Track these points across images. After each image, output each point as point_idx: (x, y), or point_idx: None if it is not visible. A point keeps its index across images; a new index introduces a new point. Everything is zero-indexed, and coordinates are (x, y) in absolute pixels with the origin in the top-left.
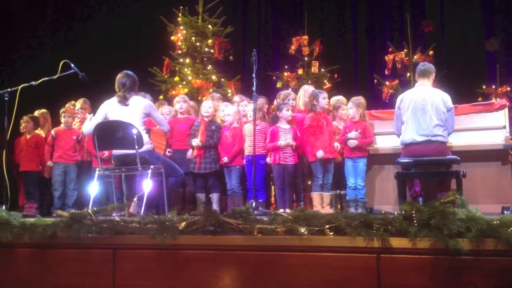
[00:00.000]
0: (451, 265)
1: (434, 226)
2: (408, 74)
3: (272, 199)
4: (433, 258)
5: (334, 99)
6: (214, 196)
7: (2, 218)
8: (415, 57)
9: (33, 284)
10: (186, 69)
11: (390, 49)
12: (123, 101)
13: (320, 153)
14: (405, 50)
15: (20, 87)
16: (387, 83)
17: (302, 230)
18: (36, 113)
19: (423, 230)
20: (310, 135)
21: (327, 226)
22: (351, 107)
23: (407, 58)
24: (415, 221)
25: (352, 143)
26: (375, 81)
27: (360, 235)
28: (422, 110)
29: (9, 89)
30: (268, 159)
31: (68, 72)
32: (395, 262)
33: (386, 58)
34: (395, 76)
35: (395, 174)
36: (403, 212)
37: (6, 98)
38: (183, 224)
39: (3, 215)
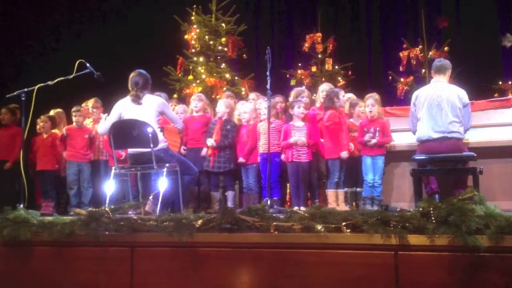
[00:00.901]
0: (470, 262)
1: (452, 223)
2: (423, 71)
3: (287, 196)
4: (452, 255)
5: (345, 97)
6: (230, 194)
7: (21, 217)
8: (430, 53)
9: (51, 281)
10: (199, 68)
11: (404, 46)
12: (136, 100)
13: (344, 154)
14: (420, 46)
15: (36, 87)
16: (401, 79)
17: (319, 227)
18: (52, 112)
19: (441, 227)
20: (332, 132)
21: (343, 223)
22: (373, 104)
23: (422, 55)
24: (433, 218)
25: (372, 142)
26: (390, 77)
27: (378, 232)
28: (438, 107)
29: (25, 89)
30: (282, 157)
31: (83, 72)
32: (413, 259)
33: (401, 54)
34: (410, 72)
35: (411, 171)
36: (420, 209)
37: (23, 98)
38: (199, 222)
39: (21, 214)
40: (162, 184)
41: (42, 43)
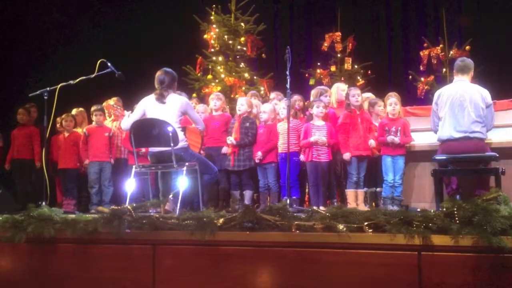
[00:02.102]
0: (495, 263)
1: (477, 223)
2: (444, 70)
3: (306, 196)
4: (476, 256)
5: (364, 96)
6: (247, 193)
7: (45, 214)
8: (451, 52)
9: (75, 278)
10: (219, 67)
11: (425, 45)
12: (161, 98)
13: (346, 155)
14: (440, 45)
15: (59, 86)
16: (422, 79)
17: (341, 227)
18: (74, 111)
19: (466, 227)
20: (343, 133)
21: (366, 223)
22: (395, 103)
23: (442, 54)
24: (457, 218)
25: (396, 142)
26: (410, 77)
27: (400, 232)
28: (460, 106)
29: (48, 88)
30: (301, 157)
31: (105, 71)
32: (436, 260)
33: (421, 53)
34: (431, 72)
35: (432, 171)
36: (444, 209)
37: (45, 97)
38: (221, 220)
39: (45, 212)
40: (182, 183)
41: (64, 42)
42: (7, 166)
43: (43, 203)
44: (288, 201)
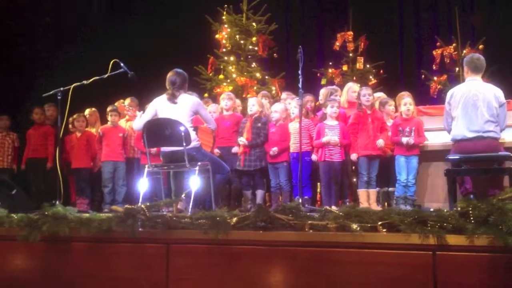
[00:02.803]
0: (510, 263)
1: (492, 223)
2: (457, 69)
3: (318, 196)
4: (492, 256)
5: (375, 95)
6: (259, 193)
7: (60, 213)
8: (464, 51)
9: (89, 276)
10: (230, 67)
11: (438, 44)
12: (172, 98)
13: (353, 156)
14: (453, 45)
15: (72, 86)
16: (435, 78)
17: (354, 226)
18: (87, 111)
19: (481, 227)
20: (351, 133)
21: (379, 223)
22: (410, 103)
23: (455, 53)
24: (472, 218)
25: (411, 143)
26: (423, 76)
27: (415, 232)
28: (474, 106)
29: (61, 88)
30: (313, 157)
31: (118, 71)
32: (452, 260)
33: (434, 52)
34: (443, 71)
35: (445, 171)
36: (459, 208)
37: (59, 97)
38: (234, 219)
39: (60, 211)
40: (194, 182)
41: (76, 43)
42: (23, 166)
43: (57, 202)
44: (300, 200)
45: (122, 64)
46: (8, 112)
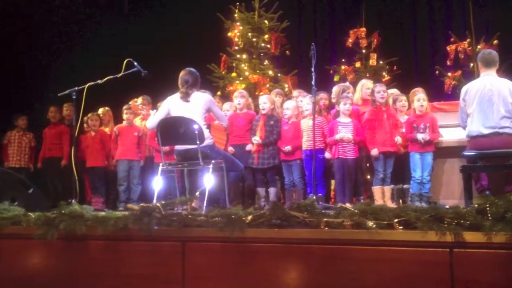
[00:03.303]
0: None
1: (510, 219)
2: (471, 65)
3: (331, 193)
4: (509, 253)
5: (389, 92)
6: (272, 191)
7: (76, 212)
8: (479, 46)
9: (106, 274)
10: (243, 65)
11: (452, 39)
12: (185, 97)
13: (374, 152)
14: (468, 40)
15: (86, 85)
16: (449, 74)
17: (370, 223)
18: (100, 111)
19: (498, 224)
20: (369, 129)
21: (396, 220)
22: (424, 99)
23: (470, 48)
24: (489, 215)
25: (426, 139)
26: (437, 72)
27: (432, 229)
28: (489, 102)
29: (76, 88)
30: (327, 154)
31: (131, 70)
32: (469, 257)
33: (448, 48)
34: (458, 66)
35: (461, 168)
36: (476, 205)
37: (74, 97)
38: (249, 217)
39: (76, 209)
40: (208, 180)
41: (89, 42)
42: (40, 165)
43: (73, 200)
44: (314, 198)
45: (135, 63)
46: (24, 112)
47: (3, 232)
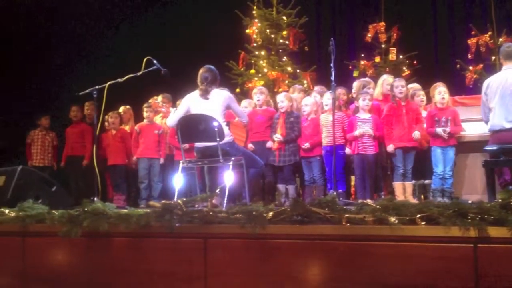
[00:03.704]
0: None
1: None
2: (493, 58)
3: (352, 189)
4: None
5: (408, 87)
6: (290, 187)
7: (99, 209)
8: (500, 39)
9: (128, 271)
10: (261, 62)
11: (473, 32)
12: (205, 94)
13: (390, 148)
14: (489, 33)
15: (107, 84)
16: (470, 67)
17: (392, 219)
18: (121, 109)
19: None
20: (386, 125)
21: (418, 216)
22: (445, 92)
23: (491, 41)
24: None
25: (446, 132)
26: (458, 66)
27: (455, 224)
28: (511, 95)
29: (97, 87)
30: (347, 150)
31: (151, 69)
32: (493, 252)
33: (469, 41)
34: (479, 60)
35: (483, 162)
36: (500, 200)
37: (95, 95)
38: (270, 213)
39: (99, 207)
40: (228, 177)
41: (108, 42)
42: (63, 164)
43: (95, 198)
44: (334, 194)
45: (155, 62)
46: (46, 111)
47: (28, 230)
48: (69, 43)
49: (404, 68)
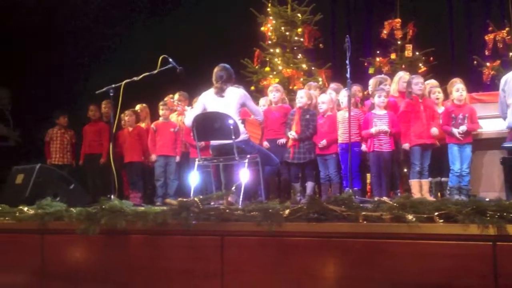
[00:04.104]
0: None
1: None
2: (511, 54)
3: (368, 187)
4: None
5: (426, 83)
6: (309, 185)
7: (117, 207)
8: None
9: (145, 268)
10: (276, 59)
11: (490, 28)
12: (220, 92)
13: (406, 146)
14: (506, 29)
15: (123, 82)
16: (487, 64)
17: (410, 217)
18: (138, 107)
19: None
20: (403, 122)
21: (436, 213)
22: (463, 89)
23: (509, 37)
24: None
25: (461, 129)
26: (475, 62)
27: (474, 222)
28: None
29: (113, 85)
30: (363, 147)
31: (166, 67)
32: None
33: (486, 38)
34: (496, 56)
35: (501, 159)
36: None
37: (111, 94)
38: (286, 211)
39: (117, 204)
40: (244, 175)
41: (124, 40)
42: (81, 162)
43: (112, 196)
44: (350, 192)
45: (170, 60)
46: (64, 109)
47: (47, 227)
48: (86, 41)
49: (420, 64)
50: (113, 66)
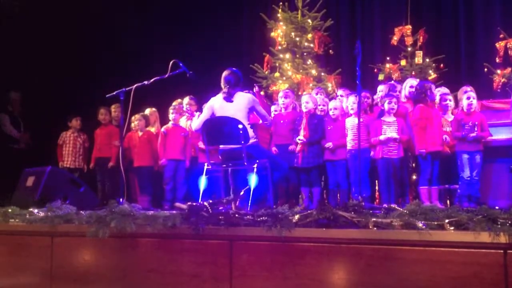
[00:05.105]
0: None
1: None
2: None
3: (376, 193)
4: None
5: (436, 90)
6: (316, 191)
7: (126, 211)
8: None
9: (155, 271)
10: (286, 65)
11: (501, 36)
12: (228, 97)
13: (422, 151)
14: None
15: (134, 86)
16: (498, 71)
17: (420, 224)
18: (147, 111)
19: None
20: (419, 128)
21: (447, 221)
22: (474, 97)
23: None
24: None
25: (472, 136)
26: (485, 69)
27: (485, 230)
28: None
29: (124, 89)
30: (372, 154)
31: (177, 71)
32: None
33: (497, 45)
34: (507, 63)
35: (511, 168)
36: None
37: (122, 98)
38: (296, 217)
39: (126, 208)
40: (253, 180)
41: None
42: (92, 165)
43: (122, 199)
44: (359, 198)
45: (181, 64)
46: (77, 113)
47: (57, 230)
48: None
49: (431, 71)
50: (124, 70)
